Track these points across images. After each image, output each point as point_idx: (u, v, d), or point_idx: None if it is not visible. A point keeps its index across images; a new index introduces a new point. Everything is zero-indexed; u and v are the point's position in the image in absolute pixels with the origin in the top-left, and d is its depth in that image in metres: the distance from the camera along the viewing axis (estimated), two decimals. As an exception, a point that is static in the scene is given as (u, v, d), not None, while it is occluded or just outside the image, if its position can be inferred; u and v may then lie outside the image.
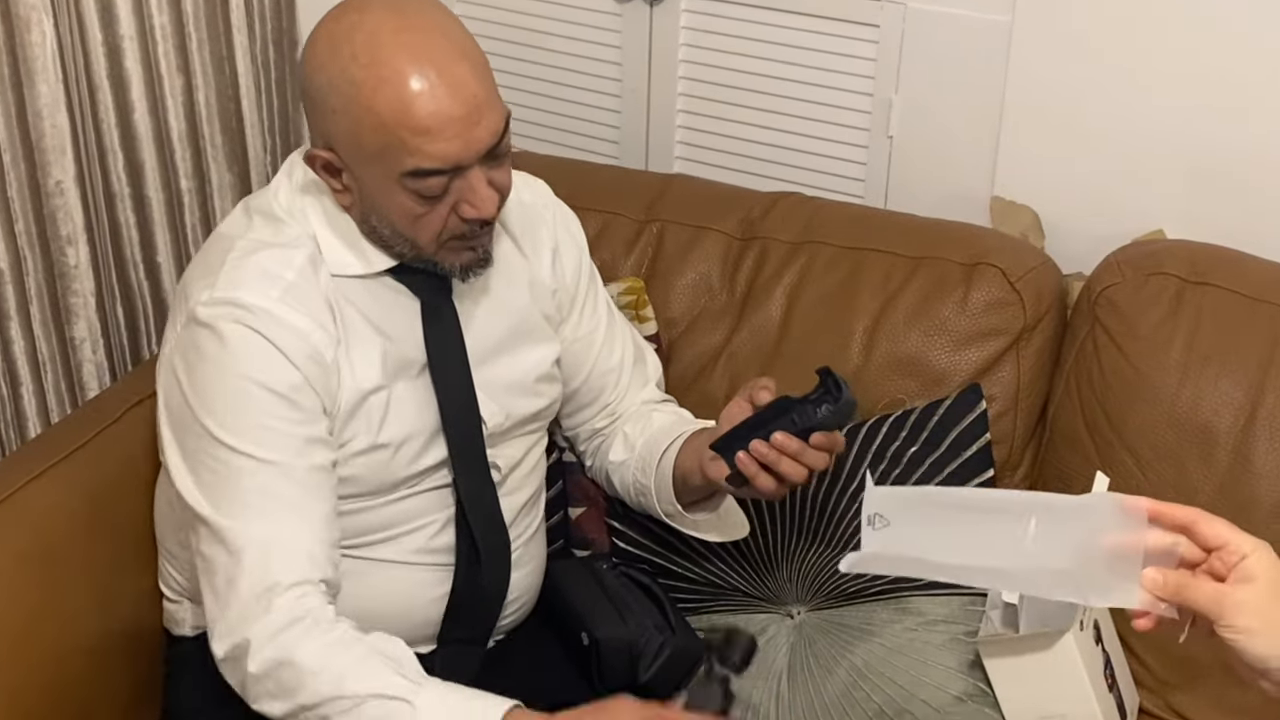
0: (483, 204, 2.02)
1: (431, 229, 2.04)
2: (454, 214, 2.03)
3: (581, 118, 3.15)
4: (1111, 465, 2.38)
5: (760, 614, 2.45)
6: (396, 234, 2.06)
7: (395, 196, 2.01)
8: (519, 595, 2.30)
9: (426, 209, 2.01)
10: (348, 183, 2.05)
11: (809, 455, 2.09)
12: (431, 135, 1.95)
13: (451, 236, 2.06)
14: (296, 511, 2.02)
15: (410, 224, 2.04)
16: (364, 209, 2.06)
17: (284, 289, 2.04)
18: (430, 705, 1.91)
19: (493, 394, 2.21)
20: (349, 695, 1.92)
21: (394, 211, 2.03)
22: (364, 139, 1.97)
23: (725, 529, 2.36)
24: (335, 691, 1.92)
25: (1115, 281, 2.47)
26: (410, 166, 1.97)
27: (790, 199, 2.76)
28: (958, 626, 2.34)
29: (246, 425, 2.01)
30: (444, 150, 1.96)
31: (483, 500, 2.21)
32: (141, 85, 2.70)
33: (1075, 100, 2.63)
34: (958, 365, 2.52)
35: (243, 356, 2.02)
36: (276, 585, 1.97)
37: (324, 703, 1.93)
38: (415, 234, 2.05)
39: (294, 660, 1.94)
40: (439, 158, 1.96)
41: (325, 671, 1.93)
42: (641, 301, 2.65)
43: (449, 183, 2.00)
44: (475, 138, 1.98)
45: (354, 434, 2.10)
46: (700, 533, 2.34)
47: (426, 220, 2.03)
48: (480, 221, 2.04)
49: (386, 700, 1.91)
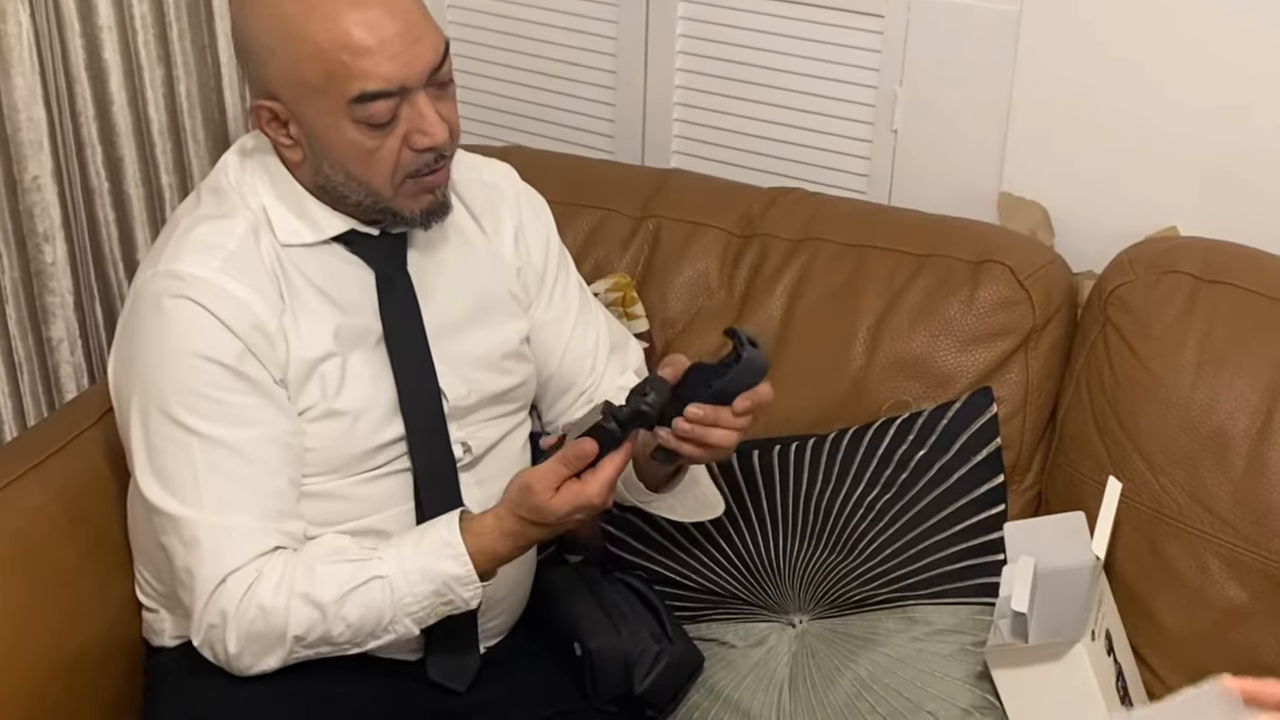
0: (434, 129, 2.04)
1: (385, 167, 2.06)
2: (405, 147, 2.05)
3: (575, 110, 3.15)
4: (1123, 470, 2.38)
5: (761, 622, 2.44)
6: (351, 179, 2.08)
7: (344, 132, 2.03)
8: (504, 595, 2.30)
9: (377, 142, 2.04)
10: (295, 134, 2.07)
11: (726, 418, 2.09)
12: (372, 54, 1.98)
13: (406, 175, 2.08)
14: (248, 489, 2.07)
15: (363, 163, 2.06)
16: (315, 159, 2.08)
17: (224, 259, 2.08)
18: (393, 564, 2.07)
19: (455, 368, 2.22)
20: (328, 602, 2.05)
21: (345, 151, 2.05)
22: (305, 73, 2.00)
23: (700, 508, 2.35)
24: (316, 611, 2.05)
25: (1127, 280, 2.47)
26: (355, 91, 1.99)
27: (791, 195, 2.76)
28: (966, 636, 2.34)
29: (193, 400, 2.05)
30: (388, 69, 1.99)
31: (439, 477, 2.21)
32: (121, 77, 2.69)
33: (1086, 92, 2.63)
34: (964, 366, 2.52)
35: (183, 330, 2.05)
36: (230, 573, 2.05)
37: (314, 624, 2.06)
38: (369, 175, 2.07)
39: (262, 609, 2.05)
40: (383, 77, 1.99)
41: (294, 598, 2.05)
42: (630, 298, 2.65)
43: (397, 109, 2.02)
44: (417, 55, 2.01)
45: (311, 401, 2.12)
46: (675, 514, 2.33)
47: (379, 157, 2.05)
48: (434, 153, 2.07)
49: (359, 588, 2.06)
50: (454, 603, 2.09)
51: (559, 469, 2.04)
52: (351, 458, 2.16)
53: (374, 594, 2.06)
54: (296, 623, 2.05)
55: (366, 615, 2.07)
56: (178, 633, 2.25)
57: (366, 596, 2.06)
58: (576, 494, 2.04)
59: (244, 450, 2.06)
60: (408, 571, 2.06)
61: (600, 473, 2.04)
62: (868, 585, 2.39)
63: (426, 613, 2.08)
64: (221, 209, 2.13)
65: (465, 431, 2.24)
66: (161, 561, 2.17)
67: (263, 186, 2.14)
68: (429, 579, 2.07)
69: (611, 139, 3.13)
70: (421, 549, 2.08)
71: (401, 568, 2.07)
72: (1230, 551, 2.32)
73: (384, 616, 2.07)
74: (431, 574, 2.06)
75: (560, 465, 2.04)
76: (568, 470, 2.04)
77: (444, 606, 2.09)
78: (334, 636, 2.07)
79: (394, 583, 2.06)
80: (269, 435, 2.08)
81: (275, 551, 2.08)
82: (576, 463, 2.04)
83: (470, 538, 2.07)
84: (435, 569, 2.06)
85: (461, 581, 2.07)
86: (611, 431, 2.04)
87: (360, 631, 2.08)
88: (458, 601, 2.09)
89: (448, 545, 2.07)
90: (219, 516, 2.06)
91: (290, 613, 2.05)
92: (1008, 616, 2.23)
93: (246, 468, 2.07)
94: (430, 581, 2.07)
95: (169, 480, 2.07)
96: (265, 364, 2.07)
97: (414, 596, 2.07)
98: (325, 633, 2.07)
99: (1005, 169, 2.74)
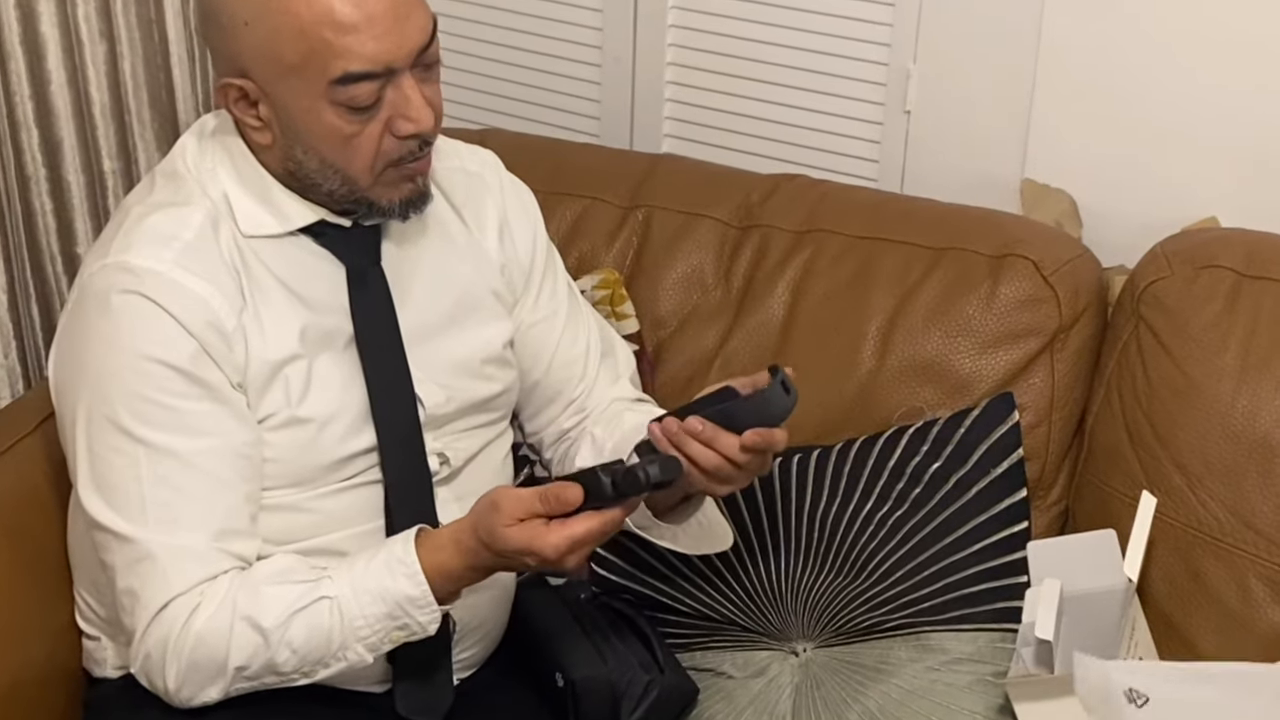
0: (420, 114, 2.04)
1: (365, 154, 2.05)
2: (388, 133, 2.05)
3: (556, 89, 3.16)
4: (1159, 484, 2.38)
5: (761, 650, 2.44)
6: (326, 166, 2.08)
7: (322, 116, 2.02)
8: (479, 624, 2.29)
9: (358, 127, 2.03)
10: (265, 115, 2.06)
11: (724, 443, 2.09)
12: (358, 31, 1.97)
13: (387, 164, 2.07)
14: (199, 506, 2.06)
15: (341, 149, 2.05)
16: (287, 143, 2.08)
17: (179, 251, 2.07)
18: (343, 584, 2.05)
19: (432, 374, 2.21)
20: (271, 626, 2.03)
21: (322, 136, 2.04)
22: (282, 49, 1.99)
23: (705, 540, 2.34)
24: (259, 636, 2.04)
25: (1162, 275, 2.47)
26: (338, 71, 1.98)
27: (794, 182, 2.76)
28: (985, 666, 2.34)
29: (141, 406, 2.04)
30: (374, 48, 1.98)
31: (412, 491, 2.20)
32: (59, 52, 2.69)
33: (1117, 70, 2.63)
34: (984, 370, 2.52)
35: (134, 330, 2.04)
36: (174, 598, 2.04)
37: (256, 651, 2.04)
38: (347, 162, 2.06)
39: (202, 636, 2.03)
40: (368, 57, 1.98)
41: (236, 621, 2.03)
42: (619, 296, 2.66)
43: (380, 91, 2.02)
44: (406, 34, 2.00)
45: (273, 408, 2.11)
46: (678, 545, 2.33)
47: (358, 143, 2.04)
48: (419, 140, 2.07)
49: (305, 610, 2.04)
50: (410, 627, 2.07)
51: (532, 502, 2.00)
52: (316, 469, 2.15)
53: (321, 616, 2.05)
54: (238, 649, 2.04)
55: (313, 640, 2.05)
56: (120, 663, 2.24)
57: (313, 619, 2.04)
58: (532, 536, 1.99)
59: (195, 462, 2.05)
60: (358, 592, 2.05)
61: (566, 527, 1.99)
62: (878, 610, 2.39)
63: (379, 638, 2.06)
64: (177, 196, 2.12)
65: (442, 442, 2.23)
66: (104, 583, 2.16)
67: (224, 172, 2.13)
68: (381, 600, 2.05)
69: (597, 120, 3.13)
70: (374, 567, 2.06)
71: (352, 588, 2.05)
72: (1275, 573, 2.32)
73: (333, 642, 2.05)
74: (384, 594, 2.05)
75: (535, 499, 2.00)
76: (541, 508, 2.00)
77: (399, 632, 2.07)
78: (279, 664, 2.06)
79: (343, 604, 2.05)
80: (223, 446, 2.07)
81: (223, 575, 2.07)
82: (555, 505, 2.00)
83: (425, 553, 2.05)
84: (388, 589, 2.05)
85: (417, 603, 2.05)
86: (603, 487, 2.00)
87: (307, 659, 2.06)
88: (414, 626, 2.06)
89: (401, 563, 2.05)
90: (165, 535, 2.05)
91: (232, 638, 2.04)
92: (1031, 644, 2.23)
93: (197, 482, 2.06)
94: (382, 603, 2.05)
95: (112, 494, 2.06)
96: (221, 367, 2.07)
97: (365, 619, 2.05)
98: (269, 660, 2.05)
99: (1029, 154, 2.75)
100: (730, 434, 2.08)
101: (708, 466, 2.10)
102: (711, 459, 2.09)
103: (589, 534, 1.99)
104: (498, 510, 2.01)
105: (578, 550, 2.00)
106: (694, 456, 2.10)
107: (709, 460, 2.09)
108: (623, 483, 1.99)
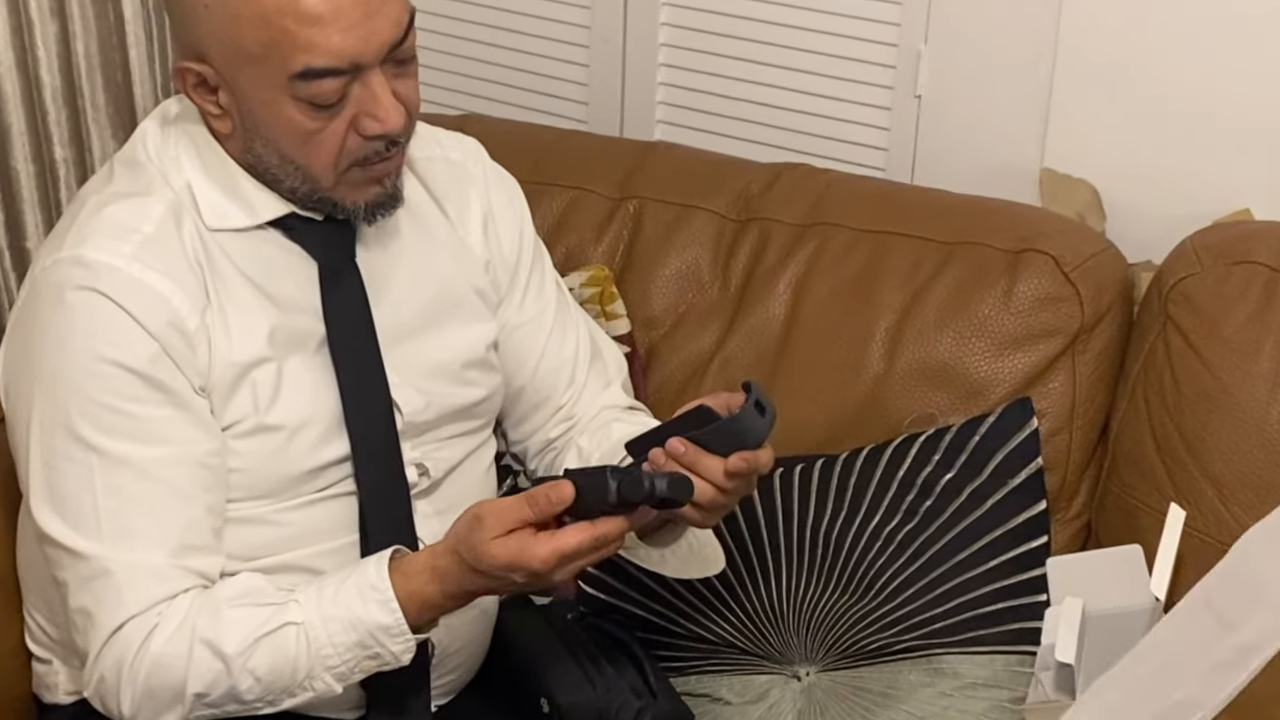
0: (388, 115, 2.03)
1: (327, 152, 2.05)
2: (353, 131, 2.04)
3: (541, 72, 3.16)
4: (1188, 496, 2.39)
5: (761, 674, 2.44)
6: (286, 162, 2.07)
7: (283, 111, 2.02)
8: (459, 648, 2.29)
9: (320, 124, 2.02)
10: (225, 103, 2.06)
11: (708, 468, 2.07)
12: (324, 24, 1.96)
13: (352, 163, 2.07)
14: (157, 519, 2.05)
15: (301, 146, 2.04)
16: (246, 135, 2.07)
17: (138, 244, 2.06)
18: (310, 609, 2.05)
19: (410, 378, 2.21)
20: (233, 653, 2.03)
21: (282, 131, 2.04)
22: (243, 37, 1.98)
23: (695, 562, 2.34)
24: (219, 662, 2.03)
25: (1192, 272, 2.47)
26: (299, 66, 1.97)
27: (796, 171, 2.77)
28: (1002, 691, 2.34)
29: (97, 412, 2.03)
30: (340, 43, 1.97)
31: (389, 504, 2.19)
32: (7, 32, 2.69)
33: (1144, 51, 2.64)
34: (1000, 374, 2.52)
35: (89, 329, 2.03)
36: (130, 618, 2.04)
37: (217, 678, 2.03)
38: (308, 159, 2.06)
39: (159, 659, 2.03)
40: (333, 53, 1.97)
41: (196, 645, 2.03)
42: (609, 295, 2.66)
43: (346, 88, 2.01)
44: (376, 28, 1.99)
45: (239, 415, 2.10)
46: (665, 569, 2.32)
47: (321, 140, 2.04)
48: (386, 140, 2.05)
49: (269, 636, 2.03)
50: (381, 657, 2.06)
51: (521, 509, 1.98)
52: (286, 480, 2.15)
53: (287, 643, 2.04)
54: (197, 675, 2.03)
55: (278, 668, 2.04)
56: (73, 688, 2.25)
57: (278, 646, 2.04)
58: (520, 549, 1.97)
59: (154, 472, 2.05)
60: (327, 619, 2.04)
61: (556, 539, 1.97)
62: (886, 631, 2.39)
63: (349, 668, 2.06)
64: (137, 186, 2.12)
65: (421, 451, 2.23)
66: (56, 602, 2.15)
67: (188, 160, 2.13)
68: (351, 628, 2.04)
69: (585, 106, 3.14)
70: (344, 592, 2.05)
71: (321, 614, 2.05)
72: (1314, 592, 2.31)
73: (298, 670, 2.05)
74: (354, 622, 2.04)
75: (524, 505, 1.99)
76: (531, 513, 1.98)
77: (370, 661, 2.06)
78: (241, 693, 2.05)
79: (310, 631, 2.04)
80: (184, 455, 2.06)
81: (183, 594, 2.06)
82: (544, 508, 1.98)
83: (399, 578, 2.04)
84: (359, 617, 2.04)
85: (390, 632, 2.04)
86: (608, 491, 1.97)
87: (272, 687, 2.05)
88: (386, 656, 2.06)
89: (374, 589, 2.04)
90: (121, 551, 2.04)
91: (191, 663, 2.03)
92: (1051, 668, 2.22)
93: (156, 493, 2.05)
94: (353, 631, 2.04)
95: (65, 506, 2.05)
96: (183, 370, 2.06)
97: (334, 648, 2.04)
98: (231, 688, 2.04)
99: (1048, 141, 2.75)
100: (713, 457, 2.07)
101: (701, 500, 2.08)
102: (705, 490, 2.08)
103: (580, 547, 1.97)
104: (481, 525, 1.99)
105: (567, 565, 1.98)
106: None
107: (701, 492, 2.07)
108: (626, 488, 1.96)
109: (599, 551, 1.99)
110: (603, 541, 1.98)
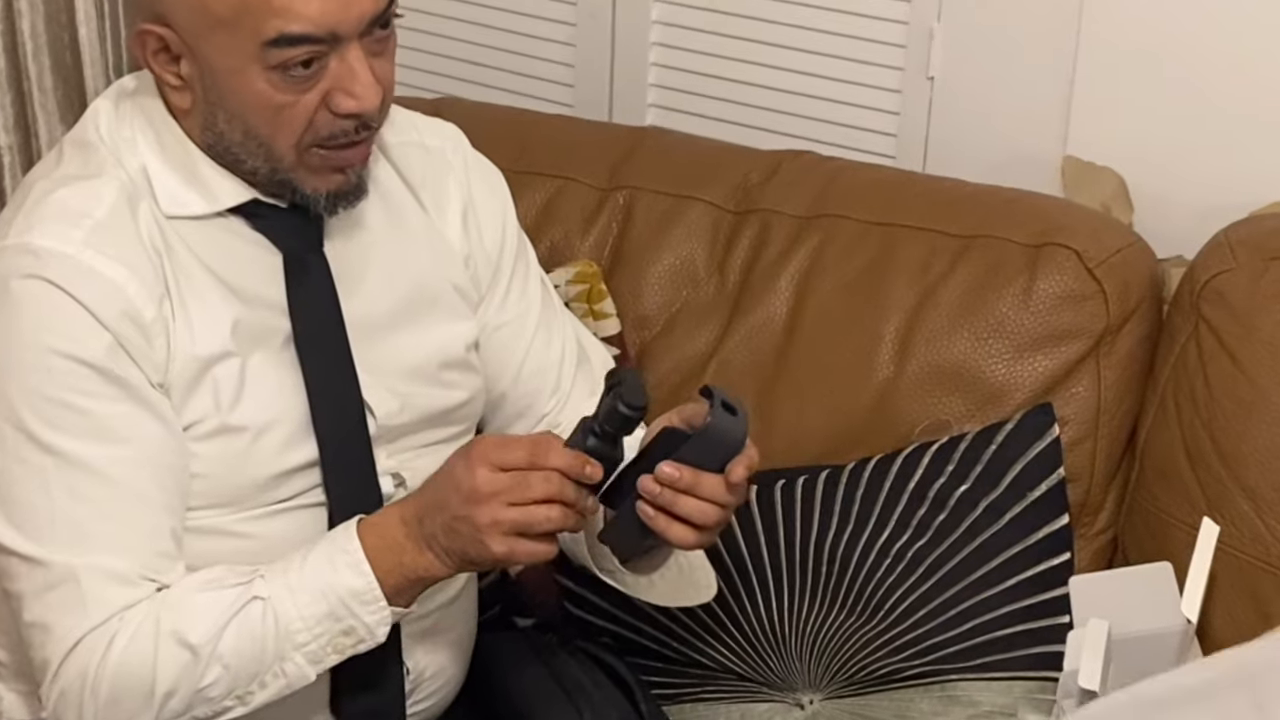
0: (365, 92, 2.03)
1: (293, 128, 2.04)
2: (324, 108, 2.04)
3: (524, 52, 3.17)
4: (1222, 509, 2.38)
5: (761, 702, 2.45)
6: (249, 138, 2.07)
7: (252, 82, 2.01)
8: (436, 670, 2.29)
9: (291, 98, 2.02)
10: (187, 74, 2.06)
11: (707, 487, 2.07)
12: None
13: (315, 142, 2.06)
14: (116, 523, 2.05)
15: (269, 120, 2.04)
16: (208, 109, 2.07)
17: (90, 230, 2.05)
18: (276, 583, 2.05)
19: (384, 378, 2.21)
20: (200, 641, 2.03)
21: (248, 104, 2.04)
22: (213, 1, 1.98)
23: (684, 588, 2.33)
24: (186, 653, 2.03)
25: (1226, 268, 2.47)
26: (273, 32, 1.97)
27: (799, 160, 2.77)
28: (1021, 720, 2.34)
29: (48, 409, 2.02)
30: (318, 9, 1.97)
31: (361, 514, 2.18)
32: (-53, 9, 2.68)
33: (1173, 31, 2.64)
34: (1019, 378, 2.52)
35: (38, 321, 2.03)
36: (90, 630, 2.03)
37: (184, 670, 2.03)
38: (272, 135, 2.05)
39: (124, 663, 2.02)
40: (311, 19, 1.97)
41: (161, 639, 2.03)
42: (597, 292, 2.66)
43: (321, 60, 2.01)
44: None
45: (199, 414, 2.10)
46: (652, 597, 2.32)
47: (289, 115, 2.03)
48: (358, 121, 2.06)
49: (237, 616, 2.04)
50: (356, 632, 2.06)
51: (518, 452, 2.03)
52: (249, 487, 2.14)
53: (253, 621, 2.04)
54: (165, 673, 2.02)
55: (245, 650, 2.04)
56: (22, 716, 2.24)
57: (244, 625, 2.03)
58: (482, 452, 2.04)
59: (111, 473, 2.04)
60: (294, 589, 2.04)
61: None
62: (896, 656, 2.39)
63: (321, 645, 2.05)
64: (88, 168, 2.11)
65: (397, 459, 2.23)
66: (5, 617, 2.15)
67: (144, 141, 2.12)
68: (322, 597, 2.04)
69: (570, 89, 3.15)
70: (312, 560, 2.06)
71: (287, 585, 2.05)
72: (1355, 613, 2.31)
73: (266, 652, 2.04)
74: (324, 590, 2.04)
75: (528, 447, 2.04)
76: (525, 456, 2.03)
77: (344, 637, 2.06)
78: (207, 687, 2.04)
79: (278, 605, 2.04)
80: (143, 454, 2.06)
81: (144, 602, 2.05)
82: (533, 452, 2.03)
83: (370, 537, 2.06)
84: (329, 584, 2.04)
85: (361, 598, 2.04)
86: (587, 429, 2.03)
87: (240, 674, 2.04)
88: (360, 630, 2.06)
89: (343, 552, 2.05)
90: (78, 557, 2.03)
91: (158, 660, 2.02)
92: (1074, 695, 2.23)
93: (114, 496, 2.04)
94: (323, 600, 2.04)
95: (17, 510, 2.04)
96: (139, 363, 2.05)
97: (303, 621, 2.04)
98: (199, 680, 2.03)
99: (1071, 126, 2.75)
100: (710, 475, 2.07)
101: (708, 522, 2.08)
102: (711, 513, 2.08)
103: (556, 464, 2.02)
104: (480, 443, 2.05)
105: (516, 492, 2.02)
106: (690, 515, 2.08)
107: (702, 514, 2.08)
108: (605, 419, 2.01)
109: (547, 487, 2.02)
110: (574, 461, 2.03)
